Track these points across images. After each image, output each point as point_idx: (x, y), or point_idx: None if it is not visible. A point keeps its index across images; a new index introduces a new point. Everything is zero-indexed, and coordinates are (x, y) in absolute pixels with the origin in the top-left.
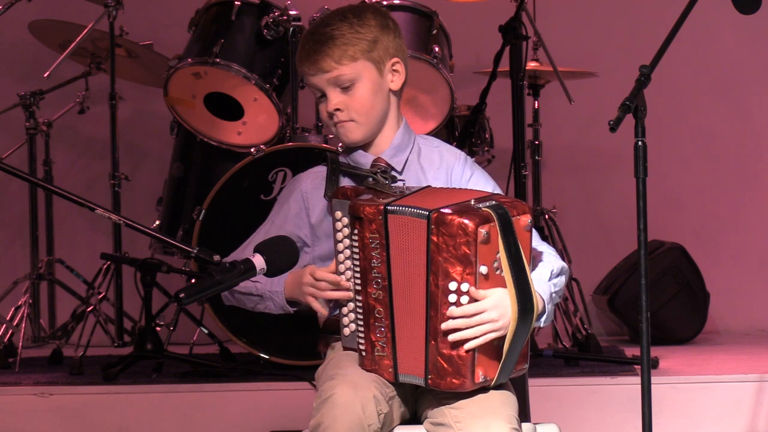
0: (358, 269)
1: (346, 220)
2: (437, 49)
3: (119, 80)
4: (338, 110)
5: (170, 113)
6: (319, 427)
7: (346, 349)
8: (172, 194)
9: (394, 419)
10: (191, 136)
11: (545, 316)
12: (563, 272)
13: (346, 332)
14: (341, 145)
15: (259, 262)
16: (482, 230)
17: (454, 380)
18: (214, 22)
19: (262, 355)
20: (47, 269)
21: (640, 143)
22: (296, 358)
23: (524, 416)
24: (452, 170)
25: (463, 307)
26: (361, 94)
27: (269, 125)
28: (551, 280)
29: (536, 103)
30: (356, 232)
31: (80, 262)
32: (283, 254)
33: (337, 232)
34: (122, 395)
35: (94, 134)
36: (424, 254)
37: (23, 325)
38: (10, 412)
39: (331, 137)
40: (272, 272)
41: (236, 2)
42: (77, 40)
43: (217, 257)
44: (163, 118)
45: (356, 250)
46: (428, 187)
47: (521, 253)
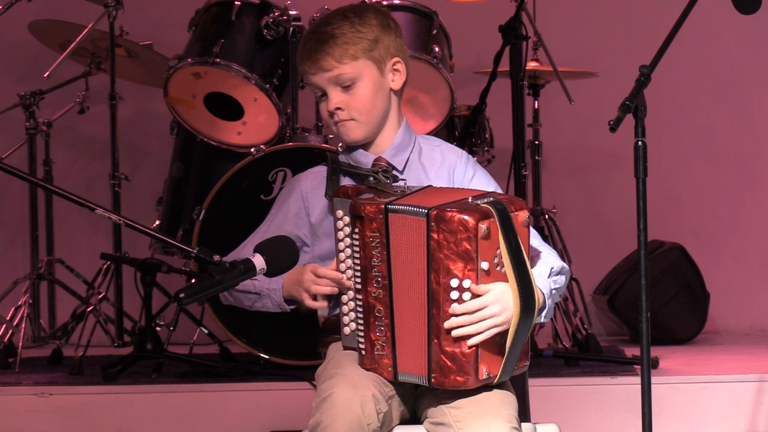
0: (358, 268)
1: (347, 219)
2: (437, 49)
3: (119, 80)
4: (339, 109)
5: (170, 113)
6: (318, 426)
7: (346, 348)
8: (172, 194)
9: (393, 418)
10: (191, 136)
11: (546, 311)
12: (563, 272)
13: (346, 332)
14: (341, 145)
15: (259, 262)
16: (482, 226)
17: (458, 378)
18: (214, 22)
19: (262, 355)
20: (47, 269)
21: (640, 143)
22: (296, 358)
23: (524, 416)
24: (454, 169)
25: (465, 303)
26: (361, 93)
27: (269, 125)
28: (551, 277)
29: (536, 103)
30: (357, 230)
31: (80, 262)
32: (283, 254)
33: (338, 231)
34: (122, 395)
35: (94, 134)
36: (424, 252)
37: (23, 325)
38: (10, 412)
39: (331, 137)
40: (272, 272)
41: (236, 2)
42: (77, 40)
43: (217, 257)
44: (163, 118)
45: (357, 248)
46: (429, 186)
47: (521, 248)
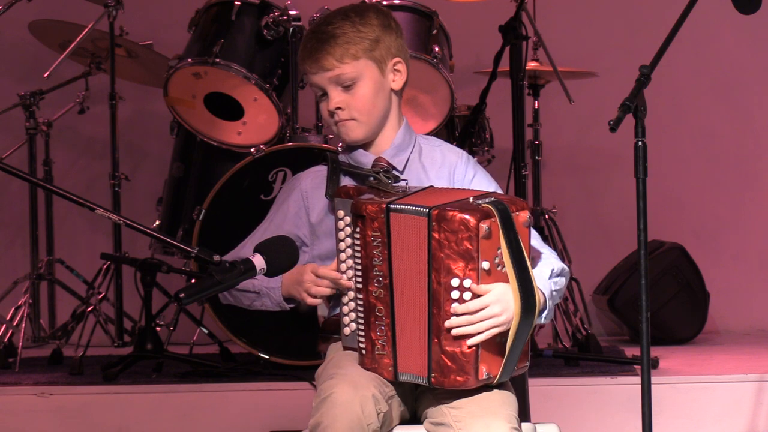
0: (359, 268)
1: (348, 218)
2: (437, 49)
3: (119, 80)
4: (339, 109)
5: (170, 113)
6: (318, 426)
7: (346, 348)
8: (172, 194)
9: (393, 418)
10: (191, 136)
11: (546, 312)
12: (563, 273)
13: (346, 332)
14: (341, 144)
15: (259, 262)
16: (484, 225)
17: (458, 377)
18: (214, 22)
19: (262, 355)
20: (47, 269)
21: (640, 143)
22: (296, 358)
23: (524, 416)
24: (455, 170)
25: (466, 303)
26: (362, 93)
27: (269, 125)
28: (551, 278)
29: (536, 103)
30: (358, 230)
31: (80, 262)
32: (283, 254)
33: (339, 231)
34: (122, 395)
35: (94, 134)
36: (425, 251)
37: (23, 325)
38: (10, 412)
39: (331, 137)
40: (272, 272)
41: (236, 2)
42: (77, 40)
43: (217, 257)
44: (163, 118)
45: (358, 248)
46: (431, 186)
47: (522, 248)
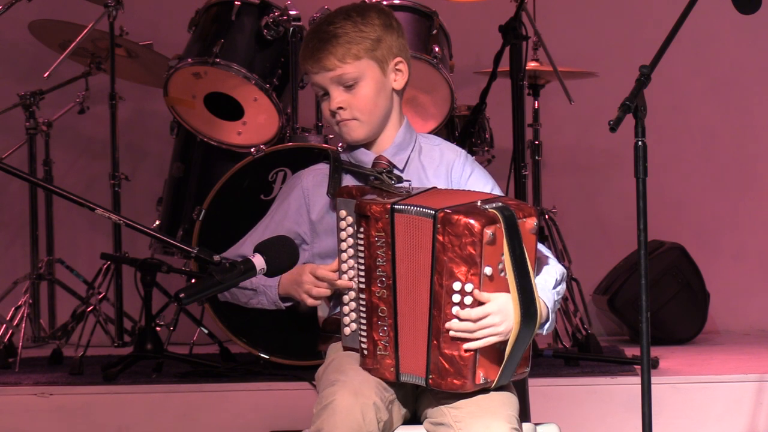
0: (362, 268)
1: (350, 219)
2: (437, 49)
3: (119, 80)
4: (341, 109)
5: (170, 113)
6: None
7: (346, 349)
8: (172, 194)
9: (393, 423)
10: (191, 136)
11: (548, 324)
12: (564, 278)
13: (346, 332)
14: (341, 144)
15: (259, 262)
16: (488, 231)
17: (455, 381)
18: (214, 22)
19: (262, 355)
20: (47, 269)
21: (640, 143)
22: (296, 358)
23: (524, 416)
24: (452, 167)
25: (468, 310)
26: (364, 93)
27: (269, 125)
28: (555, 288)
29: (536, 103)
30: (362, 230)
31: (80, 262)
32: (283, 254)
33: (340, 230)
34: (122, 395)
35: (94, 134)
36: (429, 253)
37: (23, 325)
38: (10, 412)
39: (331, 137)
40: (272, 272)
41: (236, 2)
42: (77, 40)
43: (217, 257)
44: (163, 118)
45: (361, 248)
46: (434, 188)
47: (525, 256)
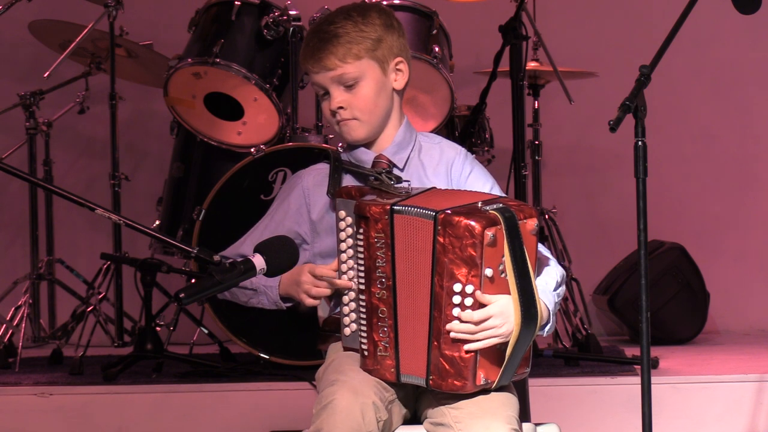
0: (362, 269)
1: (350, 219)
2: (437, 49)
3: (119, 80)
4: (341, 108)
5: (170, 113)
6: None
7: (346, 349)
8: (172, 194)
9: (393, 423)
10: (191, 136)
11: (548, 326)
12: (564, 280)
13: (347, 332)
14: (341, 144)
15: (259, 262)
16: (489, 233)
17: (455, 382)
18: (214, 22)
19: (262, 355)
20: (47, 269)
21: (640, 143)
22: (296, 358)
23: (524, 416)
24: (452, 166)
25: (470, 313)
26: (364, 92)
27: (269, 125)
28: (556, 290)
29: (536, 103)
30: (361, 231)
31: (80, 262)
32: (283, 254)
33: (340, 231)
34: (122, 395)
35: (94, 134)
36: (429, 255)
37: (23, 325)
38: (10, 412)
39: (331, 137)
40: (272, 272)
41: (236, 2)
42: (77, 40)
43: (217, 257)
44: (163, 118)
45: (360, 249)
46: (433, 188)
47: (526, 257)
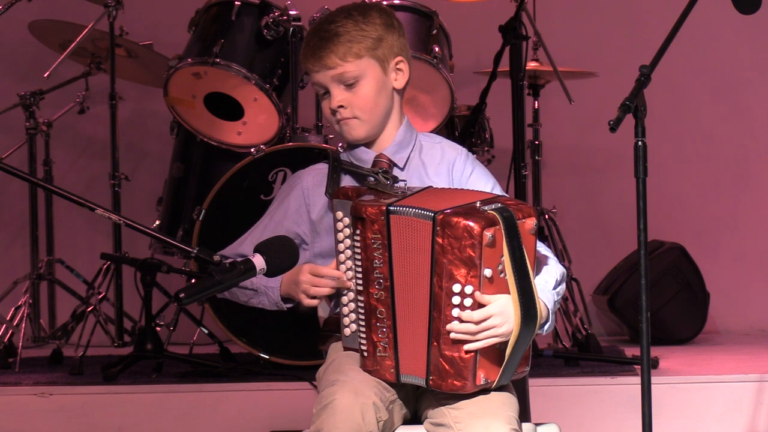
0: (360, 269)
1: (347, 220)
2: (437, 49)
3: (119, 80)
4: (342, 107)
5: (170, 113)
6: None
7: (346, 349)
8: (172, 194)
9: (393, 423)
10: (191, 136)
11: (548, 324)
12: (564, 278)
13: (346, 332)
14: (341, 144)
15: (259, 262)
16: (488, 233)
17: (455, 382)
18: (214, 22)
19: (262, 355)
20: (47, 269)
21: (640, 143)
22: (296, 358)
23: (524, 416)
24: (453, 166)
25: (470, 313)
26: (365, 91)
27: (269, 125)
28: (555, 288)
29: (536, 103)
30: (358, 232)
31: (80, 262)
32: (283, 254)
33: (338, 232)
34: (122, 395)
35: (94, 134)
36: (428, 255)
37: (23, 325)
38: (10, 412)
39: (331, 137)
40: (272, 272)
41: (236, 2)
42: (77, 40)
43: (217, 257)
44: (163, 118)
45: (358, 250)
46: (429, 187)
47: (525, 257)
